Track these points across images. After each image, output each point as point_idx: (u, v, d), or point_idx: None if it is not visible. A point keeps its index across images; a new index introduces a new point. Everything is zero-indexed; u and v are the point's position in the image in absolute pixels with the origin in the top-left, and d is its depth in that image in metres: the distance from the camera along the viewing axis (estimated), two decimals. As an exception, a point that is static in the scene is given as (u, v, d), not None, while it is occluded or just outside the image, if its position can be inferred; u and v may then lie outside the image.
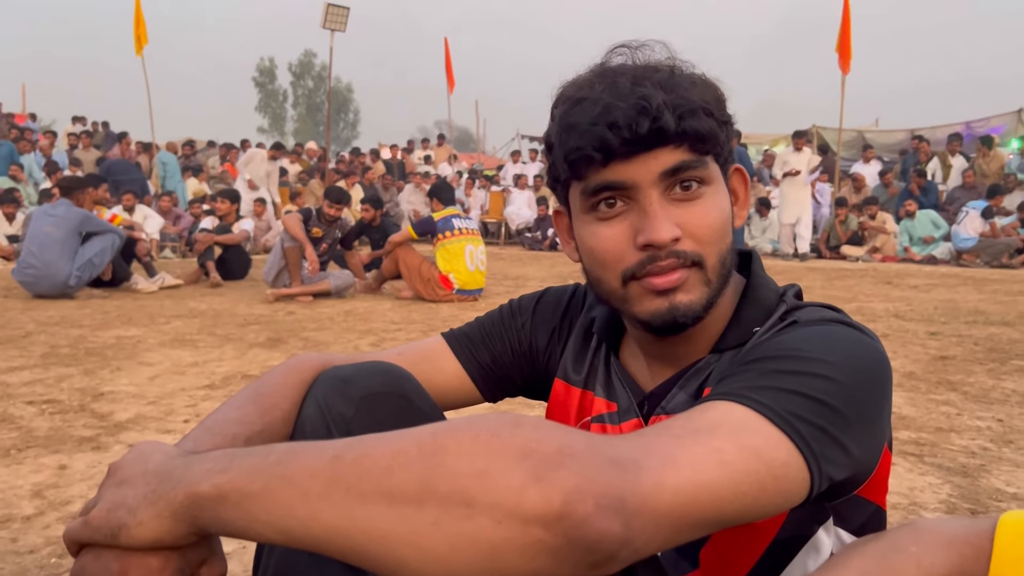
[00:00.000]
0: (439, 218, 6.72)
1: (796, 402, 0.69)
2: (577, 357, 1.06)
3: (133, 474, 0.69)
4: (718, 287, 0.86)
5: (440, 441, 0.59)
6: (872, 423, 0.75)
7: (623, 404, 0.98)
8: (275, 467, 0.62)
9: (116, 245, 6.83)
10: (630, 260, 0.84)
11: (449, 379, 1.09)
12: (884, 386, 0.78)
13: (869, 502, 0.85)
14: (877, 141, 16.56)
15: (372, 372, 0.92)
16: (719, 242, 0.85)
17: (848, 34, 11.70)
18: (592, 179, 0.84)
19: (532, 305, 1.13)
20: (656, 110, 0.79)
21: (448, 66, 17.01)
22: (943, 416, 3.10)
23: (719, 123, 0.84)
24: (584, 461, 0.57)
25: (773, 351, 0.76)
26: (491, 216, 15.39)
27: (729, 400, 0.69)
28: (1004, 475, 2.44)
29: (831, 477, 0.69)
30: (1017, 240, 10.69)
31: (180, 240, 11.39)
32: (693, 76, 0.85)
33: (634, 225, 0.84)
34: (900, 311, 6.05)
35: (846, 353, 0.76)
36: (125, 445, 2.70)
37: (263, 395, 0.92)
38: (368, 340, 4.74)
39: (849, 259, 11.61)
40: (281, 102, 54.63)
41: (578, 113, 0.83)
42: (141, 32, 12.72)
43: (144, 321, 5.44)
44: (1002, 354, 4.35)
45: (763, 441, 0.65)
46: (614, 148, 0.81)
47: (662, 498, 0.58)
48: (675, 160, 0.82)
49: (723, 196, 0.87)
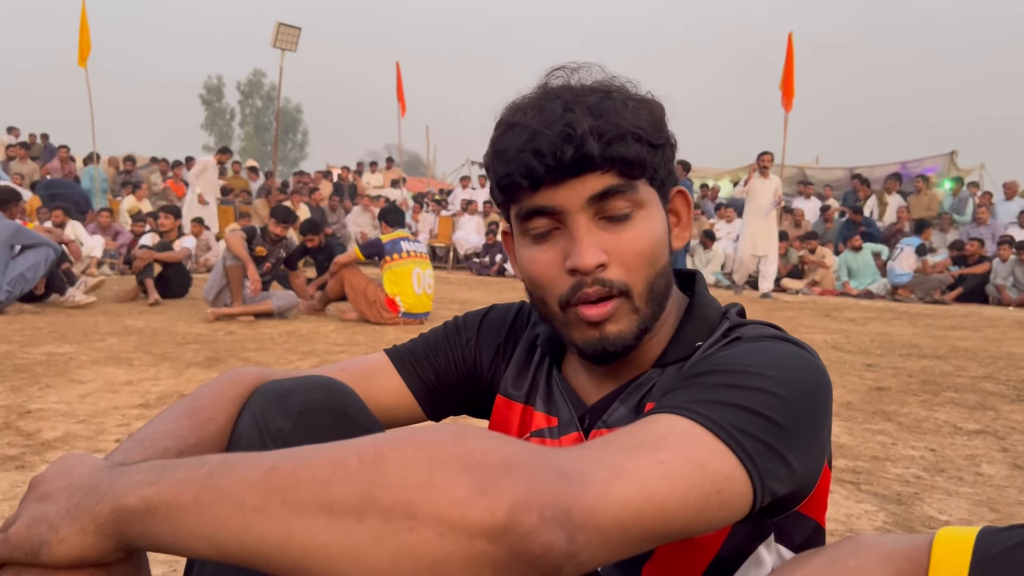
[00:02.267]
0: (387, 240, 6.67)
1: (740, 416, 0.69)
2: (519, 372, 1.05)
3: (56, 488, 0.65)
4: (650, 314, 0.87)
5: (381, 452, 0.57)
6: (813, 438, 0.76)
7: (564, 418, 0.97)
8: (208, 478, 0.59)
9: (50, 259, 6.62)
10: (563, 286, 0.85)
11: (391, 396, 1.07)
12: (825, 402, 0.79)
13: (809, 519, 0.86)
14: (817, 178, 17.04)
15: (311, 387, 0.90)
16: (648, 268, 0.85)
17: (791, 72, 12.04)
18: (524, 204, 0.86)
19: (477, 322, 1.12)
20: (580, 137, 0.80)
21: (400, 90, 17.00)
22: (879, 445, 3.17)
23: (652, 146, 0.84)
24: (530, 472, 0.55)
25: (717, 365, 0.76)
26: (440, 241, 15.37)
27: (674, 413, 0.69)
28: (936, 503, 2.49)
29: (774, 492, 0.70)
30: (948, 277, 11.06)
31: (119, 257, 11.10)
32: (629, 98, 0.85)
33: (564, 249, 0.85)
34: (838, 343, 6.19)
35: (789, 369, 0.76)
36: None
37: (197, 408, 0.89)
38: (310, 362, 4.67)
39: (789, 292, 11.86)
40: (228, 120, 53.99)
41: (507, 139, 0.84)
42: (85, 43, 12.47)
43: (77, 338, 5.27)
44: (934, 386, 4.47)
45: (708, 454, 0.65)
46: (539, 175, 0.82)
47: (608, 511, 0.57)
48: (602, 185, 0.82)
49: (656, 220, 0.87)
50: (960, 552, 0.57)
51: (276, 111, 16.51)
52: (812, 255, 12.16)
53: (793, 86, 12.05)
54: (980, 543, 0.57)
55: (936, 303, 10.72)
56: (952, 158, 16.78)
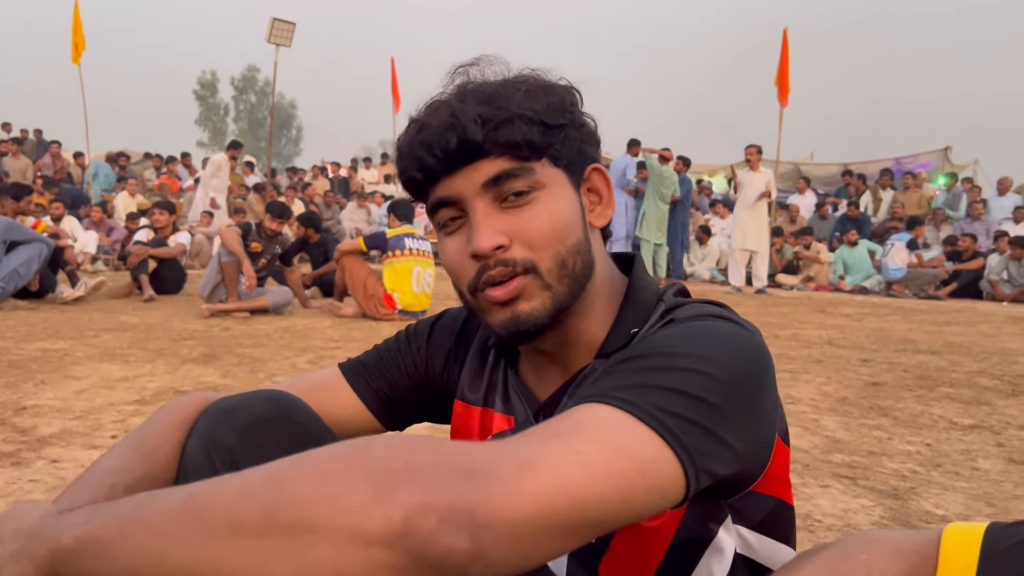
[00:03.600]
0: (392, 235, 6.64)
1: (665, 398, 0.67)
2: (475, 375, 1.04)
3: (5, 532, 0.68)
4: (564, 291, 0.85)
5: (286, 469, 0.57)
6: (752, 415, 0.74)
7: (520, 417, 0.97)
8: (133, 511, 0.60)
9: (43, 255, 6.59)
10: (469, 272, 0.86)
11: (346, 409, 1.06)
12: (762, 377, 0.77)
13: (769, 496, 0.85)
14: (812, 174, 17.08)
15: (257, 400, 0.90)
16: (555, 244, 0.84)
17: (786, 68, 12.05)
18: (428, 197, 0.88)
19: (427, 329, 1.11)
20: (463, 125, 0.80)
21: (394, 85, 16.98)
22: (875, 440, 3.18)
23: (550, 127, 0.83)
24: (430, 475, 0.55)
25: (644, 350, 0.75)
26: (435, 236, 15.37)
27: (594, 401, 0.67)
28: (933, 497, 2.50)
29: (711, 471, 0.68)
30: (942, 271, 11.10)
31: (113, 253, 11.08)
32: (525, 85, 0.85)
33: (468, 237, 0.85)
34: (833, 338, 6.20)
35: (720, 346, 0.74)
36: (48, 460, 2.59)
37: (143, 439, 0.90)
38: (306, 358, 4.66)
39: (784, 287, 11.89)
40: (222, 116, 53.82)
41: (403, 137, 0.87)
42: (79, 39, 12.41)
43: (72, 334, 5.25)
44: (930, 381, 4.48)
45: (629, 439, 0.64)
46: (431, 166, 0.83)
47: (518, 507, 0.56)
48: (495, 170, 0.82)
49: (560, 198, 0.85)
50: (968, 547, 0.57)
51: (271, 106, 16.47)
52: (807, 251, 12.19)
53: (788, 81, 12.06)
54: (988, 538, 0.57)
55: (930, 298, 10.76)
56: (946, 154, 16.83)
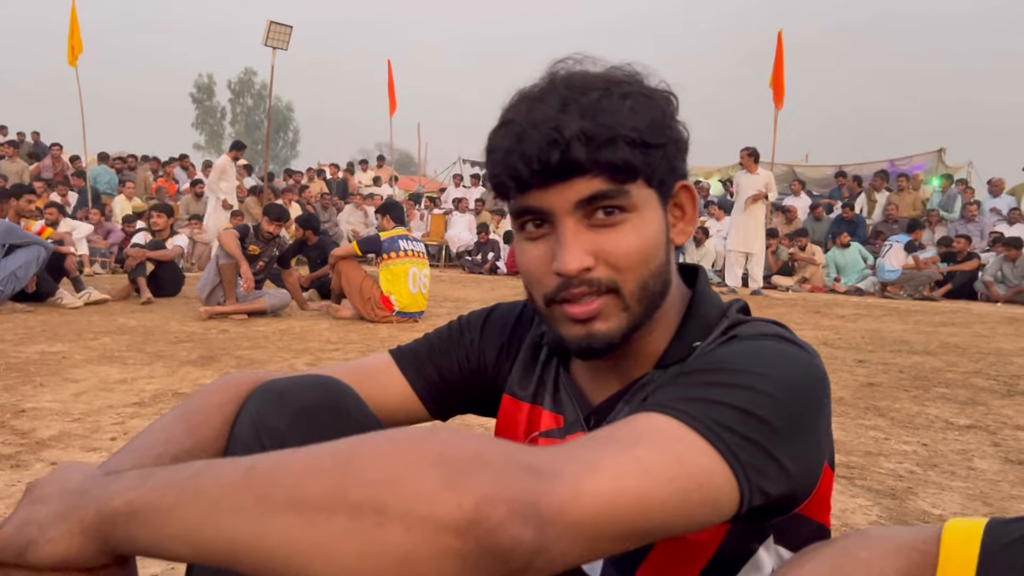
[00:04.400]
0: (386, 238, 6.64)
1: (723, 413, 0.68)
2: (525, 372, 1.04)
3: (50, 492, 0.67)
4: (641, 312, 0.85)
5: (354, 449, 0.58)
6: (808, 438, 0.74)
7: (569, 417, 0.97)
8: (188, 481, 0.60)
9: (42, 258, 6.59)
10: (548, 284, 0.84)
11: (395, 396, 1.06)
12: (819, 401, 0.77)
13: (811, 520, 0.85)
14: (807, 176, 17.10)
15: (309, 385, 0.90)
16: (639, 268, 0.83)
17: (781, 70, 12.07)
18: (514, 202, 0.85)
19: (481, 321, 1.11)
20: (567, 141, 0.78)
21: (391, 88, 16.95)
22: (872, 440, 3.19)
23: (650, 147, 0.81)
24: (499, 467, 0.56)
25: (706, 364, 0.76)
26: (432, 239, 15.35)
27: (654, 411, 0.68)
28: (930, 497, 2.52)
29: (764, 490, 0.68)
30: (937, 273, 11.13)
31: (111, 255, 11.05)
32: (629, 96, 0.82)
33: (552, 249, 0.84)
34: (829, 339, 6.22)
35: (780, 367, 0.75)
36: (47, 463, 2.59)
37: (192, 413, 0.89)
38: (304, 359, 4.67)
39: (779, 288, 11.90)
40: (219, 119, 53.70)
41: (498, 139, 0.84)
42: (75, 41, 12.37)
43: (70, 337, 5.25)
44: (925, 382, 4.50)
45: (686, 449, 0.64)
46: (526, 178, 0.81)
47: (580, 505, 0.57)
48: (590, 190, 0.80)
49: (650, 221, 0.84)
50: (969, 543, 0.58)
51: (267, 109, 16.44)
52: (802, 252, 12.21)
53: (783, 84, 12.08)
54: (988, 534, 0.58)
55: (926, 299, 10.78)
56: (940, 155, 16.85)
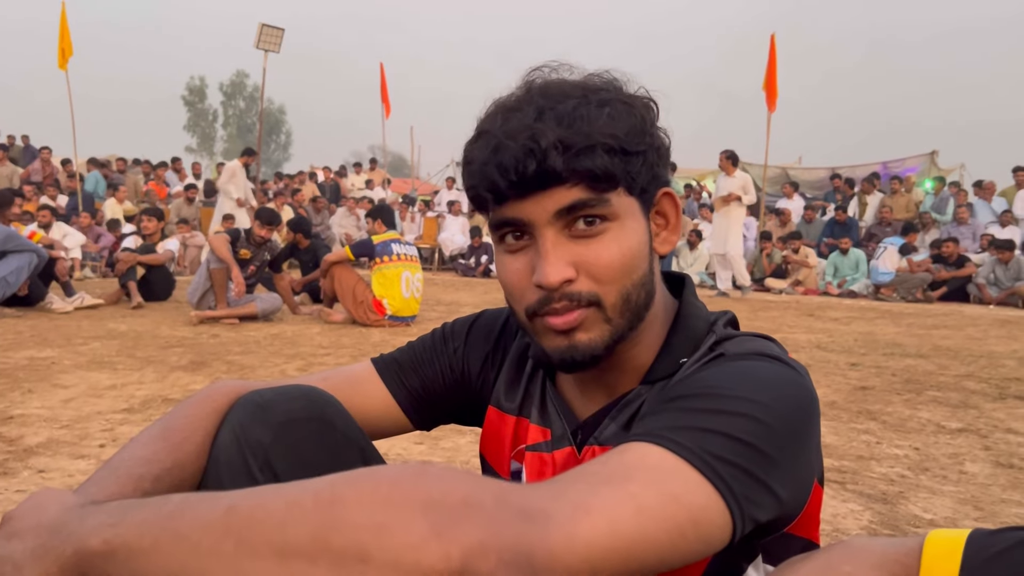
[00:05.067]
0: (379, 241, 6.63)
1: (717, 443, 0.67)
2: (511, 384, 1.03)
3: (25, 527, 0.65)
4: (624, 324, 0.84)
5: (338, 492, 0.56)
6: (798, 462, 0.74)
7: (557, 431, 0.96)
8: (167, 520, 0.59)
9: (34, 263, 6.55)
10: (530, 298, 0.83)
11: (377, 406, 1.04)
12: (810, 424, 0.77)
13: (799, 538, 0.84)
14: (800, 178, 17.14)
15: (292, 396, 0.89)
16: (621, 279, 0.82)
17: (774, 73, 12.09)
18: (493, 214, 0.84)
19: (465, 330, 1.09)
20: (544, 150, 0.76)
21: (384, 91, 16.95)
22: (863, 444, 3.19)
23: (630, 154, 0.80)
24: (490, 514, 0.54)
25: (695, 389, 0.74)
26: (425, 242, 15.34)
27: (646, 441, 0.67)
28: (921, 502, 2.51)
29: (755, 519, 0.68)
30: (930, 275, 11.15)
31: (101, 259, 11.01)
32: (607, 103, 0.80)
33: (532, 262, 0.82)
34: (822, 342, 6.23)
35: (771, 391, 0.73)
36: (35, 471, 2.57)
37: (173, 429, 0.87)
38: (295, 364, 4.65)
39: (773, 291, 11.92)
40: (211, 122, 53.66)
41: (475, 150, 0.82)
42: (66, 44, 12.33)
43: (60, 342, 5.22)
44: (918, 385, 4.51)
45: (681, 485, 0.63)
46: (503, 189, 0.79)
47: (574, 551, 0.55)
48: (570, 199, 0.79)
49: (632, 231, 0.83)
50: (950, 555, 0.57)
51: (259, 112, 16.43)
52: (795, 255, 12.23)
53: (776, 87, 12.10)
54: (970, 546, 0.57)
55: (919, 302, 10.81)
56: (933, 158, 16.91)
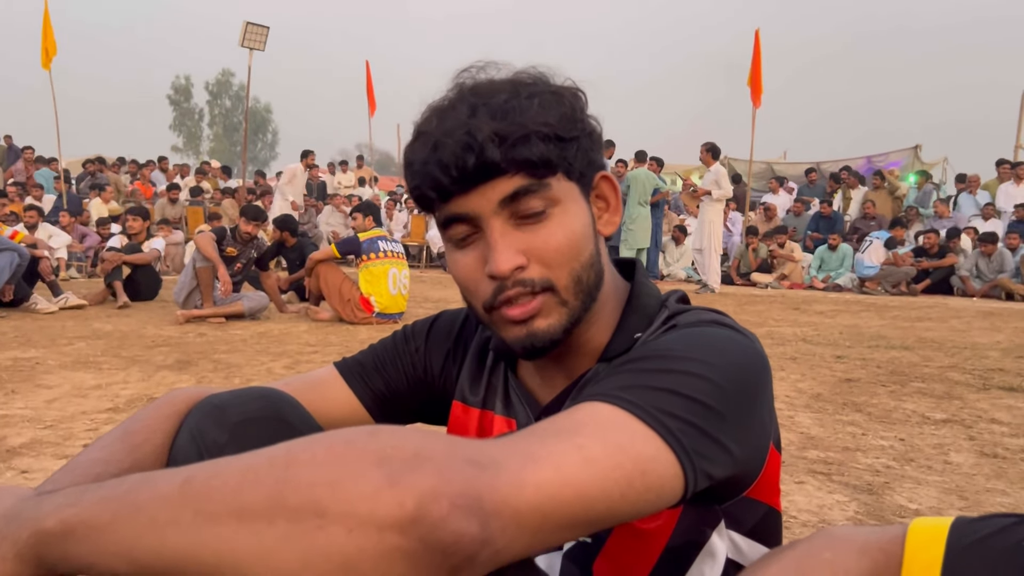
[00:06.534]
0: (365, 239, 6.62)
1: (665, 399, 0.69)
2: (474, 377, 1.04)
3: None
4: (579, 306, 0.86)
5: (292, 454, 0.56)
6: (751, 421, 0.75)
7: (522, 420, 0.97)
8: (124, 495, 0.59)
9: (15, 263, 6.50)
10: (485, 291, 0.85)
11: (341, 408, 1.06)
12: (761, 384, 0.79)
13: (760, 503, 0.86)
14: (785, 173, 17.21)
15: (250, 398, 0.89)
16: (570, 262, 0.84)
17: (759, 69, 12.13)
18: (439, 212, 0.85)
19: (426, 329, 1.11)
20: (481, 144, 0.78)
21: (369, 89, 16.89)
22: (849, 436, 3.21)
23: (564, 140, 0.82)
24: (440, 463, 0.55)
25: (645, 352, 0.77)
26: (413, 239, 15.31)
27: (596, 400, 0.69)
28: (907, 492, 2.53)
29: (708, 474, 0.69)
30: (914, 269, 11.22)
31: (86, 259, 10.94)
32: (536, 93, 0.83)
33: (483, 254, 0.84)
34: (808, 336, 6.26)
35: (720, 352, 0.76)
36: (18, 471, 2.56)
37: (132, 432, 0.88)
38: (282, 363, 4.63)
39: (759, 286, 11.97)
40: (197, 121, 53.34)
41: (414, 151, 0.84)
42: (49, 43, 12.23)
43: (44, 342, 5.18)
44: (903, 376, 4.54)
45: (628, 437, 0.65)
46: (446, 186, 0.81)
47: (523, 496, 0.57)
48: (511, 188, 0.81)
49: (575, 214, 0.85)
50: (933, 543, 0.57)
51: (245, 111, 16.35)
52: (781, 249, 12.28)
53: (761, 82, 12.14)
54: (953, 534, 0.57)
55: (903, 295, 10.88)
56: (916, 152, 17.02)
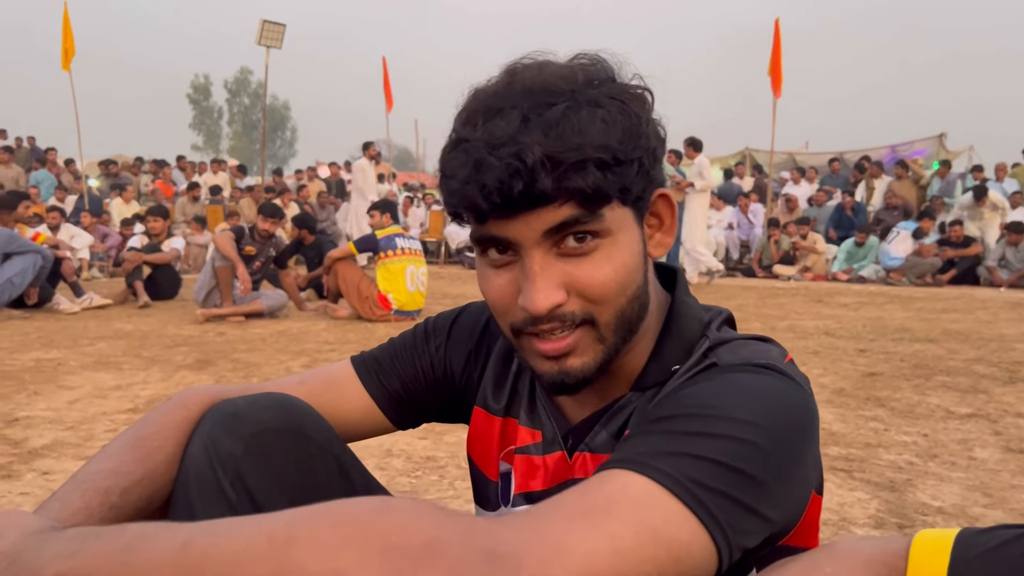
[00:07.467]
0: (382, 236, 6.63)
1: (703, 469, 0.63)
2: (497, 383, 0.99)
3: None
4: (618, 341, 0.80)
5: (293, 532, 0.54)
6: (793, 482, 0.70)
7: (547, 434, 0.93)
8: (122, 554, 0.57)
9: (38, 265, 6.57)
10: (515, 316, 0.78)
11: (356, 407, 1.02)
12: (807, 440, 0.73)
13: (795, 548, 0.80)
14: (807, 163, 17.05)
15: (265, 406, 0.86)
16: (616, 298, 0.77)
17: (779, 58, 12.01)
18: (474, 231, 0.78)
19: (447, 327, 1.05)
20: (530, 170, 0.70)
21: (386, 85, 16.91)
22: (871, 432, 3.16)
23: (624, 164, 0.73)
24: (454, 558, 0.52)
25: (683, 408, 0.71)
26: (431, 235, 15.32)
27: (629, 469, 0.64)
28: (930, 489, 2.49)
29: (743, 547, 0.65)
30: (940, 260, 11.07)
31: (108, 259, 11.04)
32: (598, 101, 0.74)
33: (518, 280, 0.77)
34: (830, 329, 6.19)
35: (764, 408, 0.70)
36: (39, 473, 2.58)
37: (143, 439, 0.85)
38: (301, 361, 4.64)
39: (781, 278, 11.87)
40: (216, 119, 53.81)
41: (453, 163, 0.75)
42: (69, 45, 12.35)
43: (66, 343, 5.23)
44: (927, 370, 4.47)
45: (663, 519, 0.60)
46: (485, 211, 0.73)
47: None
48: (559, 218, 0.73)
49: (626, 244, 0.77)
50: (938, 555, 0.56)
51: (263, 109, 16.44)
52: (804, 240, 12.17)
53: (781, 72, 12.02)
54: (958, 546, 0.56)
55: (929, 286, 10.74)
56: (941, 140, 16.78)
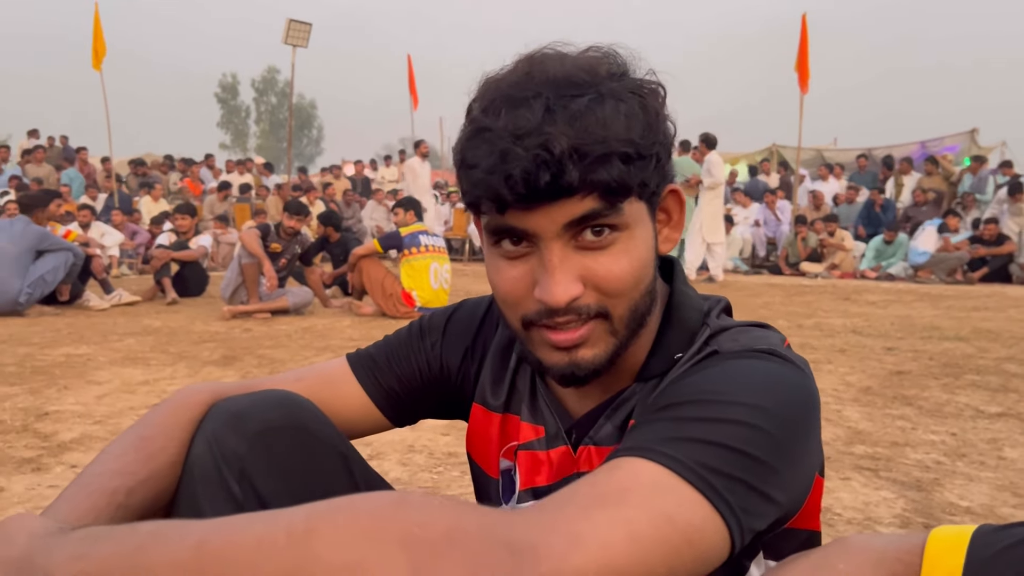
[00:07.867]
0: (406, 233, 6.66)
1: (712, 454, 0.64)
2: (495, 379, 0.99)
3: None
4: (628, 335, 0.81)
5: (312, 525, 0.54)
6: (798, 465, 0.72)
7: (551, 429, 0.92)
8: (135, 555, 0.57)
9: (70, 262, 6.68)
10: (528, 307, 0.78)
11: (352, 405, 1.01)
12: (811, 424, 0.74)
13: (800, 531, 0.82)
14: (835, 160, 16.86)
15: (268, 404, 0.87)
16: (631, 291, 0.78)
17: (806, 53, 11.89)
18: (491, 221, 0.78)
19: (443, 323, 1.05)
20: (558, 161, 0.70)
21: (412, 83, 17.01)
22: (898, 430, 3.12)
23: (644, 158, 0.74)
24: (473, 548, 0.52)
25: (687, 395, 0.72)
26: (455, 232, 15.35)
27: (639, 456, 0.64)
28: (957, 489, 2.45)
29: (754, 529, 0.66)
30: (967, 255, 10.88)
31: (137, 256, 11.19)
32: (620, 95, 0.74)
33: (535, 272, 0.77)
34: (858, 327, 6.12)
35: (768, 392, 0.71)
36: (68, 466, 2.62)
37: (146, 438, 0.85)
38: (325, 357, 4.67)
39: (808, 276, 11.76)
40: (244, 118, 54.27)
41: (475, 152, 0.74)
42: (99, 45, 12.51)
43: (96, 339, 5.31)
44: (956, 369, 4.40)
45: (675, 504, 0.61)
46: (508, 201, 0.73)
47: None
48: (582, 210, 0.73)
49: (641, 239, 0.78)
50: (954, 553, 0.55)
51: (290, 107, 16.57)
52: (831, 238, 12.05)
53: (808, 67, 11.90)
54: (975, 544, 0.55)
55: (958, 283, 10.59)
56: (973, 136, 16.51)
